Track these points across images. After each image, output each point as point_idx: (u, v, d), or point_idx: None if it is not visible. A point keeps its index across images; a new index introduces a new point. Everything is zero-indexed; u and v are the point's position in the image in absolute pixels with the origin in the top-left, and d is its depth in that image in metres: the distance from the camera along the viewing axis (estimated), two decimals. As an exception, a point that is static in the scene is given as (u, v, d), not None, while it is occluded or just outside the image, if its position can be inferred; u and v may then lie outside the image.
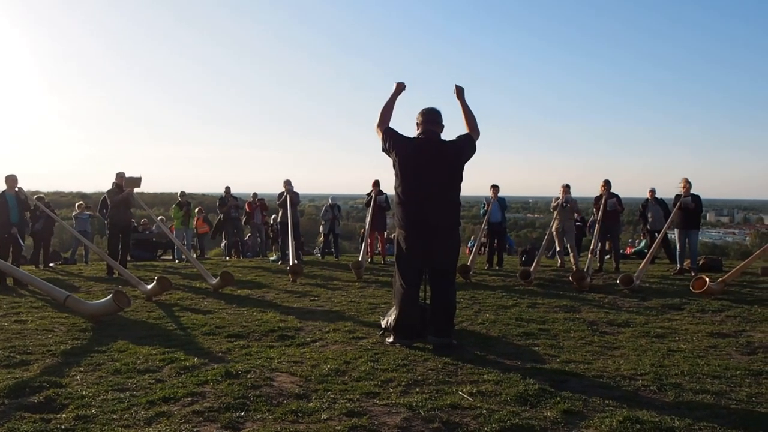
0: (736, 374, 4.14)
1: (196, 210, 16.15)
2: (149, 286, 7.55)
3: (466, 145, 5.09)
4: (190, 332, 5.55)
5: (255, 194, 15.27)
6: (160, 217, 15.59)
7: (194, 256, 13.06)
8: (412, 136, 5.11)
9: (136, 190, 10.29)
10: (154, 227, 16.16)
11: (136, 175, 9.99)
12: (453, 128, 5.32)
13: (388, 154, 5.09)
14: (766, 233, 60.44)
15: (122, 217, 10.34)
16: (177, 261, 13.61)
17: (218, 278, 8.29)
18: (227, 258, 15.04)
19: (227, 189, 15.03)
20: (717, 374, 4.13)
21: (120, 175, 10.30)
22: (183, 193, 14.72)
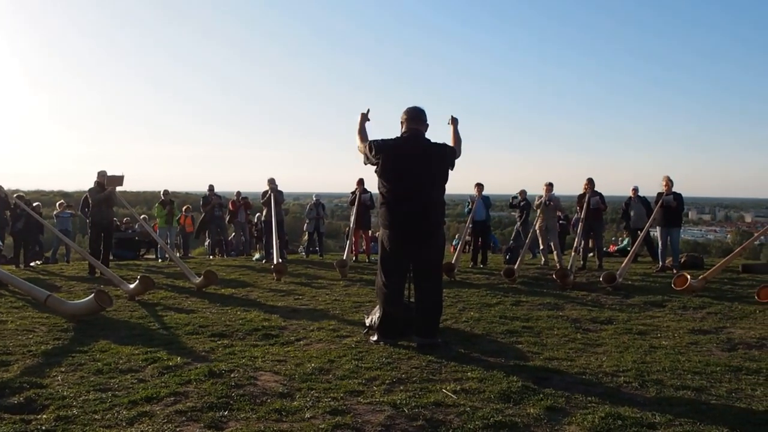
0: (717, 370, 4.19)
1: (184, 208, 16.07)
2: (132, 286, 7.48)
3: (447, 152, 5.12)
4: (173, 332, 5.51)
5: (239, 192, 15.20)
6: (142, 216, 15.46)
7: (177, 255, 12.97)
8: (395, 136, 5.11)
9: (118, 188, 10.19)
10: (136, 226, 16.04)
11: (118, 173, 9.90)
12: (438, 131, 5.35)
13: (373, 163, 5.07)
14: (747, 231, 61.23)
15: (104, 216, 10.23)
16: (160, 260, 13.52)
17: (202, 277, 8.23)
18: (211, 257, 14.96)
19: (210, 187, 14.93)
20: (698, 370, 4.18)
21: (102, 174, 10.18)
22: (166, 192, 14.62)
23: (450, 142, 5.43)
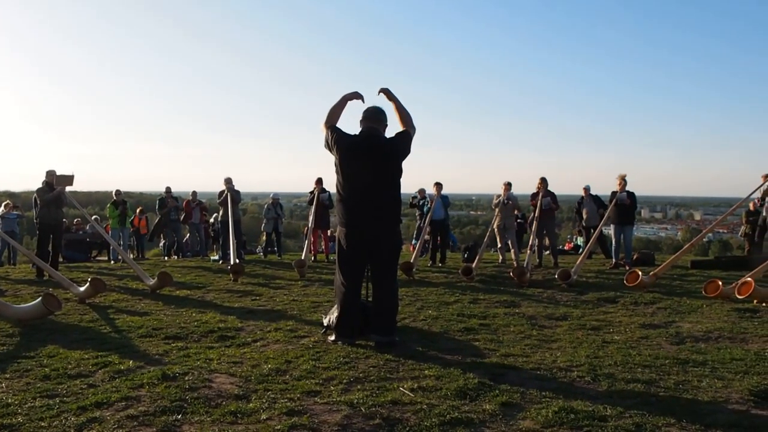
0: (665, 363, 4.31)
1: (138, 210, 15.78)
2: (82, 288, 7.28)
3: (400, 142, 5.08)
4: (126, 335, 5.38)
5: (194, 192, 14.93)
6: (94, 217, 15.07)
7: (131, 256, 12.69)
8: (353, 134, 5.10)
9: (68, 188, 9.91)
10: (88, 227, 15.63)
11: (68, 172, 9.64)
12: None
13: (331, 151, 5.05)
14: (697, 228, 63.33)
15: (53, 217, 9.93)
16: (113, 262, 13.20)
17: (156, 279, 8.07)
18: (165, 258, 14.67)
19: (167, 189, 14.69)
20: (647, 364, 4.29)
21: (51, 173, 9.89)
22: (119, 192, 14.25)
23: (397, 122, 5.22)
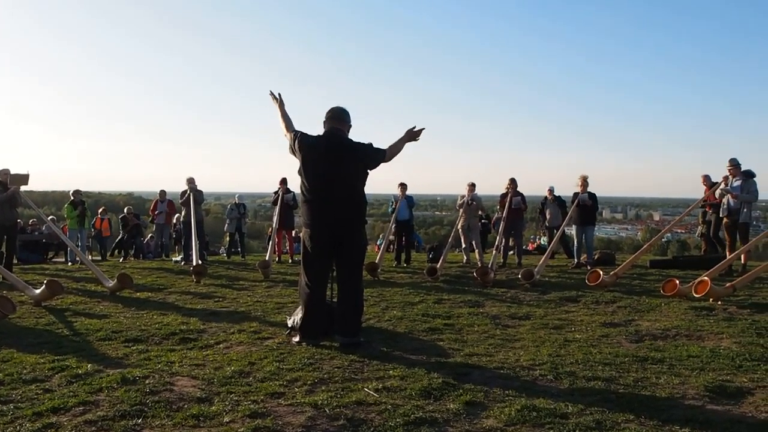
0: (625, 361, 4.39)
1: (99, 211, 15.46)
2: (38, 291, 7.08)
3: (371, 157, 5.05)
4: (84, 338, 5.25)
5: (163, 191, 14.63)
6: (50, 217, 14.67)
7: (89, 257, 12.40)
8: (316, 135, 5.07)
9: (23, 188, 9.62)
10: (44, 227, 15.22)
11: (23, 171, 9.36)
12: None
13: (295, 154, 5.03)
14: (656, 228, 64.87)
15: (7, 217, 9.61)
16: (70, 263, 12.88)
17: (115, 280, 7.90)
18: (122, 260, 14.37)
19: (128, 210, 14.58)
20: (608, 361, 4.37)
21: (4, 172, 9.59)
22: (77, 192, 13.90)
23: (388, 144, 5.22)
